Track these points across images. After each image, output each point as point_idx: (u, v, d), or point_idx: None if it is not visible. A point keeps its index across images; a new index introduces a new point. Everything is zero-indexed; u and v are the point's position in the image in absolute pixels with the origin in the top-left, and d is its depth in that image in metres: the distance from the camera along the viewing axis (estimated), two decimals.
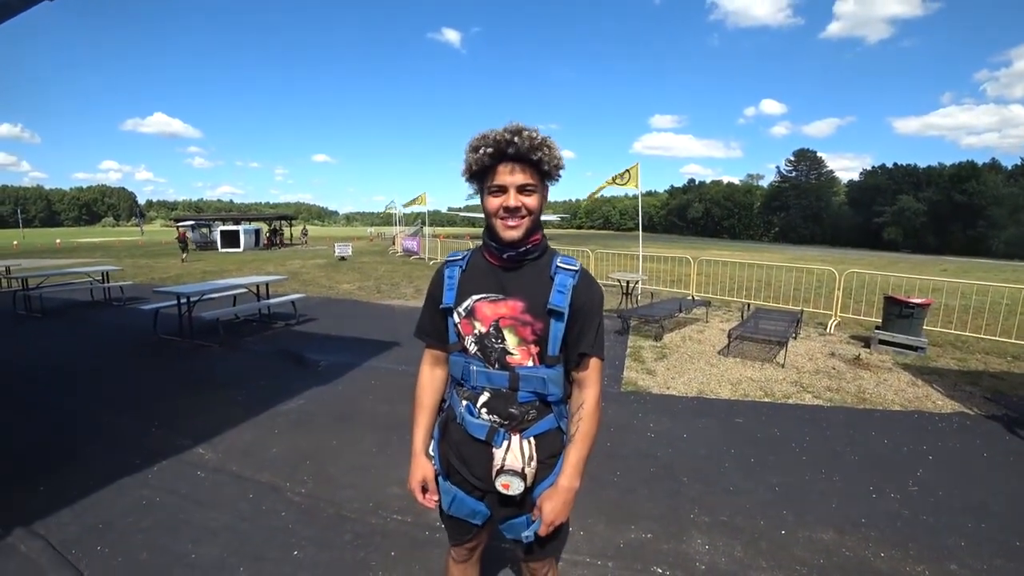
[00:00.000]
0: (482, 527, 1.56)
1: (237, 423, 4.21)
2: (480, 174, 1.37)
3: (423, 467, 1.55)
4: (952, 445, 4.04)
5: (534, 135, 1.30)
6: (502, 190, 1.34)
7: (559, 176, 1.40)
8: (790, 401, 4.96)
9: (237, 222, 32.40)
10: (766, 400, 4.98)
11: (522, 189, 1.34)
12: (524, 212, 1.35)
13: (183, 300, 6.86)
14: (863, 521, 2.97)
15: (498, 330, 1.41)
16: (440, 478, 1.55)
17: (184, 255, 21.13)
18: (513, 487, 1.38)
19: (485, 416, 1.43)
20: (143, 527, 2.83)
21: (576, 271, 1.43)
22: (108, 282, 10.58)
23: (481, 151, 1.32)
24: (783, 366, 6.07)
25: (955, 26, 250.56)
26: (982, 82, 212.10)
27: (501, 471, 1.38)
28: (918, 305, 6.66)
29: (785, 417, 4.55)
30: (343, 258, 21.04)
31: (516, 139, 1.28)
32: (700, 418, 4.50)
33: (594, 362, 1.44)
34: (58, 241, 42.71)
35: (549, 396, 1.43)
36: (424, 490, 1.56)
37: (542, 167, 1.33)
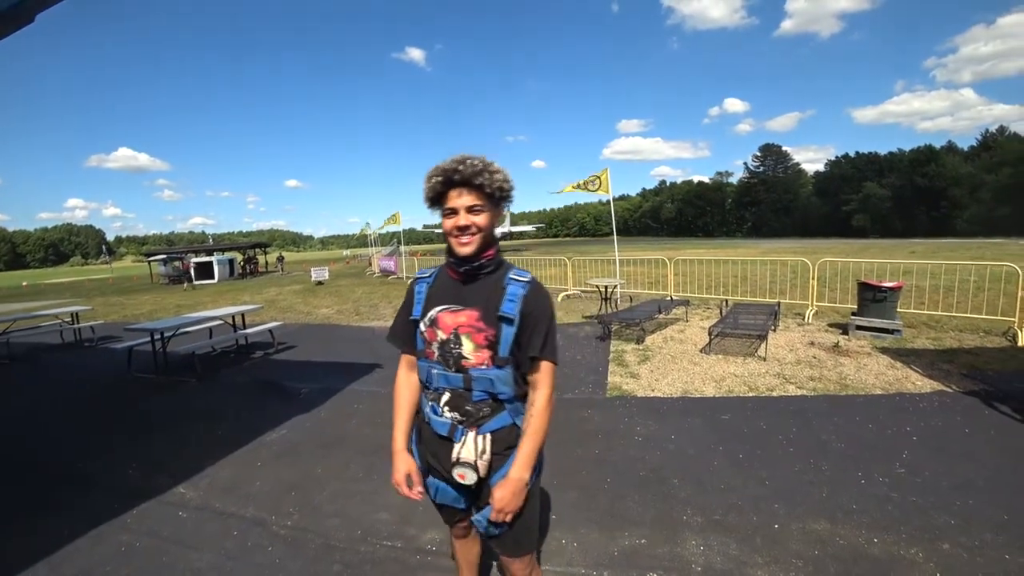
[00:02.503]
0: (468, 510, 1.74)
1: (218, 458, 4.09)
2: (436, 200, 1.57)
3: (406, 462, 1.74)
4: (934, 424, 4.10)
5: (475, 163, 1.50)
6: (454, 212, 1.54)
7: (508, 196, 1.59)
8: (774, 394, 5.00)
9: (210, 253, 31.82)
10: (751, 395, 5.01)
11: (470, 209, 1.53)
12: (474, 230, 1.54)
13: (157, 336, 6.69)
14: (854, 508, 2.99)
15: (457, 336, 1.59)
16: (423, 473, 1.75)
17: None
18: (468, 478, 1.58)
19: (447, 414, 1.62)
20: (124, 574, 2.73)
21: (526, 282, 1.60)
22: (78, 323, 10.28)
23: (433, 180, 1.54)
24: (765, 359, 6.13)
25: (901, 17, 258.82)
26: (931, 69, 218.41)
27: (456, 463, 1.58)
28: (890, 289, 6.80)
29: (770, 410, 4.58)
30: (320, 283, 20.82)
31: (460, 167, 1.49)
32: (686, 418, 4.51)
33: (545, 365, 1.60)
34: (24, 283, 41.54)
35: (500, 395, 1.60)
36: (410, 485, 1.73)
37: (485, 190, 1.51)
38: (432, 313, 1.63)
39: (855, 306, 7.49)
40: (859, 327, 7.06)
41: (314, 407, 5.21)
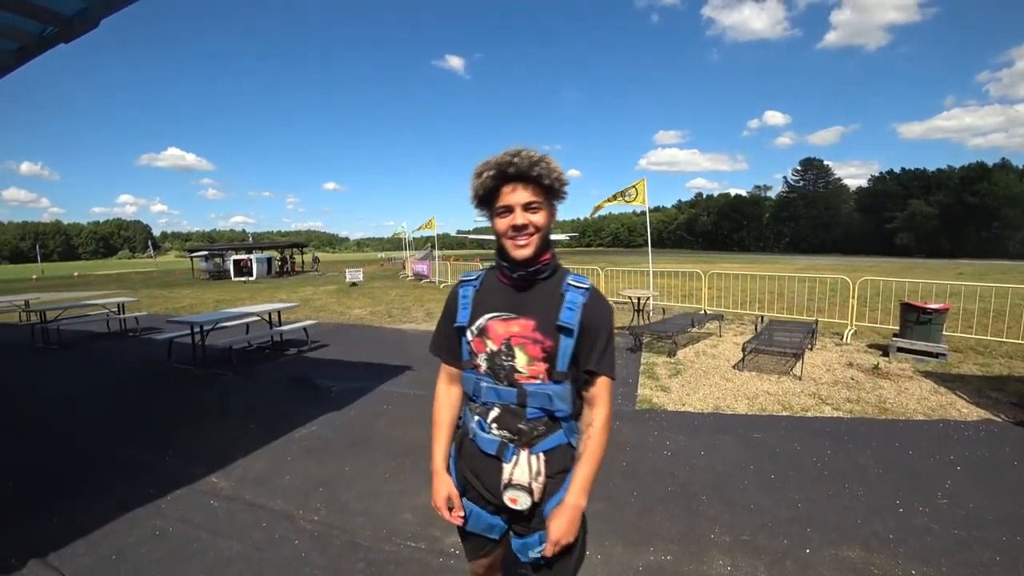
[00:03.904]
0: (499, 541, 1.56)
1: (250, 451, 4.20)
2: (487, 198, 1.41)
3: (446, 484, 1.55)
4: (980, 454, 3.92)
5: (532, 153, 1.33)
6: (508, 210, 1.37)
7: (564, 192, 1.42)
8: (809, 414, 4.86)
9: (249, 251, 32.75)
10: (784, 414, 4.88)
11: (527, 207, 1.36)
12: (532, 229, 1.37)
13: (196, 329, 6.91)
14: (891, 537, 2.88)
15: (509, 348, 1.42)
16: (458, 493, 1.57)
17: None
18: (520, 502, 1.40)
19: (495, 431, 1.44)
20: (157, 557, 2.82)
21: (586, 289, 1.44)
22: (124, 313, 10.71)
23: (484, 175, 1.36)
24: (800, 378, 5.97)
25: (953, 30, 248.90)
26: (984, 83, 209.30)
27: (509, 485, 1.40)
28: (936, 310, 6.55)
29: (805, 431, 4.45)
30: (354, 284, 21.14)
31: (515, 159, 1.32)
32: (717, 434, 4.42)
33: (604, 380, 1.45)
34: (76, 274, 43.49)
35: (557, 412, 1.43)
36: (450, 507, 1.55)
37: (543, 182, 1.35)
38: (481, 321, 1.46)
39: (897, 327, 7.23)
40: (901, 349, 6.81)
41: (345, 406, 5.29)
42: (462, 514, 1.54)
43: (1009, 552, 2.72)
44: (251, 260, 29.23)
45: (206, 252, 34.10)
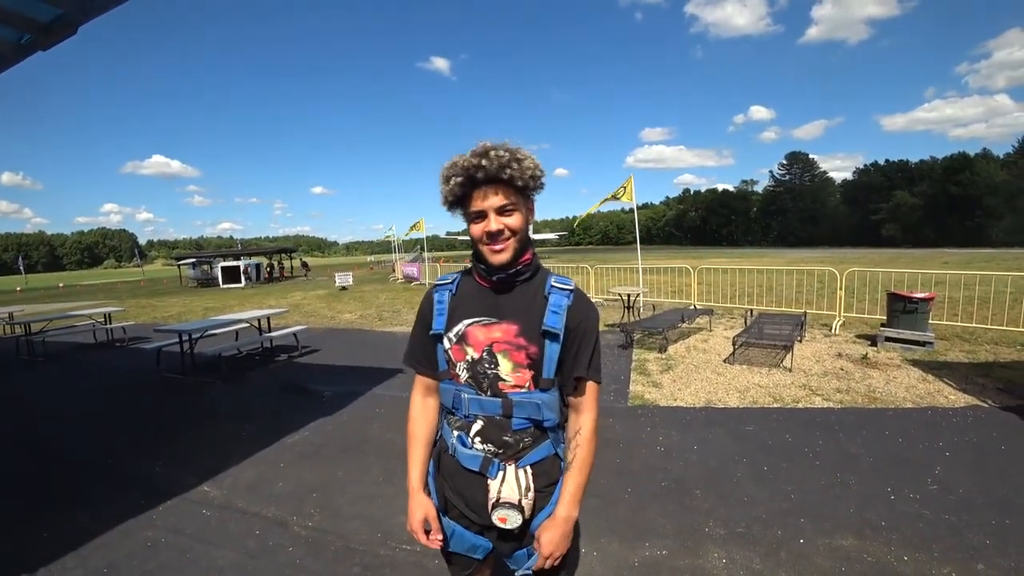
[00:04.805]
0: (483, 560, 1.47)
1: (242, 458, 4.16)
2: (458, 203, 1.34)
3: (423, 505, 1.45)
4: (969, 440, 3.97)
5: (501, 153, 1.24)
6: (481, 216, 1.30)
7: (540, 186, 1.34)
8: (800, 405, 4.90)
9: (237, 257, 32.49)
10: (775, 406, 4.91)
11: (501, 210, 1.29)
12: (508, 234, 1.31)
13: (185, 338, 6.84)
14: (883, 524, 2.91)
15: (491, 355, 1.35)
16: (439, 513, 1.47)
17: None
18: (511, 521, 1.32)
19: (479, 446, 1.37)
20: (148, 569, 2.78)
21: (571, 291, 1.38)
22: (110, 323, 10.58)
23: (452, 181, 1.29)
24: (790, 370, 6.01)
25: (932, 23, 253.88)
26: (963, 75, 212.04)
27: (497, 504, 1.32)
28: (922, 300, 6.63)
29: (796, 422, 4.49)
30: (344, 288, 21.05)
31: (483, 162, 1.24)
32: (709, 428, 4.44)
33: (591, 386, 1.40)
34: (61, 285, 42.92)
35: (545, 422, 1.37)
36: (427, 530, 1.45)
37: (516, 183, 1.27)
38: (460, 327, 1.38)
39: (884, 317, 7.32)
40: (889, 339, 6.88)
41: (336, 410, 5.26)
42: (440, 537, 1.45)
43: (999, 535, 2.75)
44: (248, 266, 29.06)
45: (194, 260, 33.81)
